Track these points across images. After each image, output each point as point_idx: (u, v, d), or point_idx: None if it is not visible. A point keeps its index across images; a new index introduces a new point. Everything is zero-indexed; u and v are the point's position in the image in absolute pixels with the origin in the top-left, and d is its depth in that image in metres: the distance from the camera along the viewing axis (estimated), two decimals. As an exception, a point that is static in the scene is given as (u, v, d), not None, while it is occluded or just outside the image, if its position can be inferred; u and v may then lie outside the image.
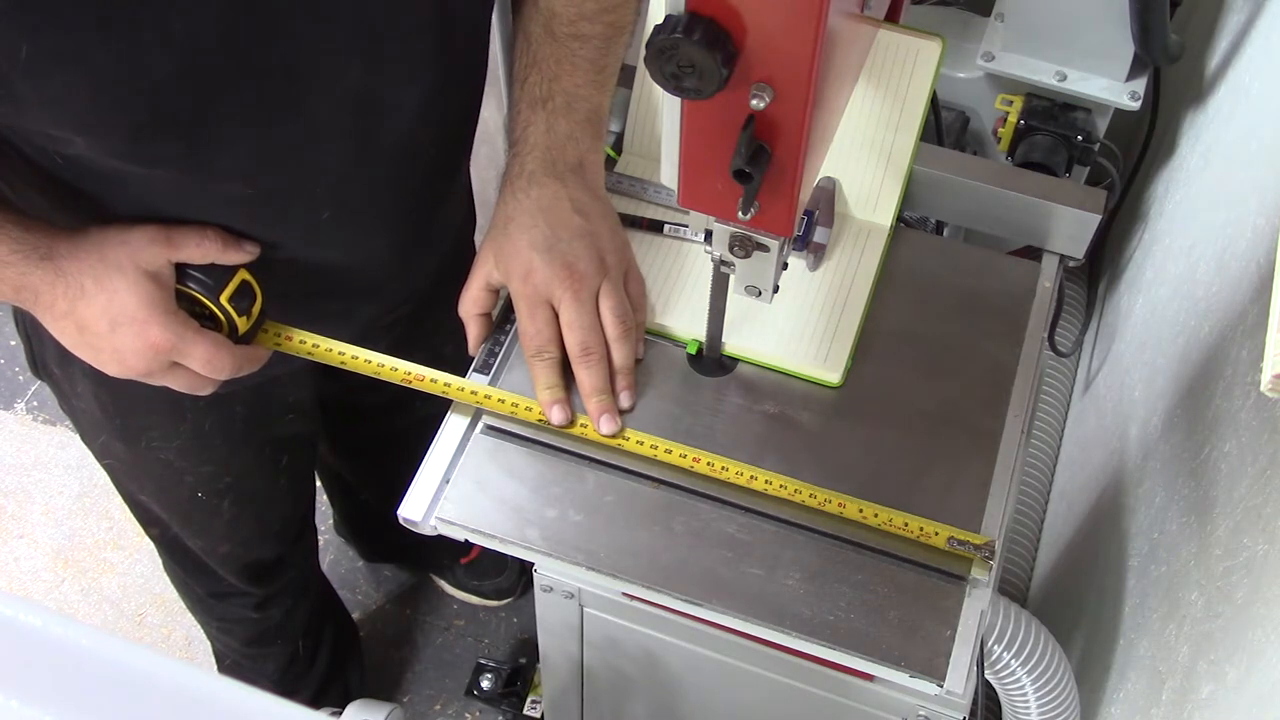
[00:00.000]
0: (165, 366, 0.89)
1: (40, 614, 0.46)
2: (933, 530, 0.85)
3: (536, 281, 0.90)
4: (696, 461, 0.88)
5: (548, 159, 0.93)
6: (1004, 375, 0.96)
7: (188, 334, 0.87)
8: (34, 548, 1.91)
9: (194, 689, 0.46)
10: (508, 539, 0.88)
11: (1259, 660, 0.76)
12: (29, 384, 2.08)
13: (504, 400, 0.92)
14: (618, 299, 0.92)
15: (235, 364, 0.90)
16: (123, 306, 0.85)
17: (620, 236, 0.95)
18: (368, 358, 0.93)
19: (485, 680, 1.66)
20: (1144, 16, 1.23)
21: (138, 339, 0.86)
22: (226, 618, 1.51)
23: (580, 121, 0.94)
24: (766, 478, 0.87)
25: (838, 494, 0.87)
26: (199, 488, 1.21)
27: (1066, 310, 1.65)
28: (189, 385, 0.91)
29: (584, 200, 0.93)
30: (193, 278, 0.88)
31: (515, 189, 0.93)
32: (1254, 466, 0.86)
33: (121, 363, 0.88)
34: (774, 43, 0.64)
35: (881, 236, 1.03)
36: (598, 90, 0.95)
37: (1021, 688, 1.05)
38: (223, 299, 0.89)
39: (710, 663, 1.04)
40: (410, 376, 0.93)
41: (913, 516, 0.86)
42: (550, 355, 0.91)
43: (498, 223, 0.94)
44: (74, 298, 0.85)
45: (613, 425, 0.90)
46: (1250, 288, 0.98)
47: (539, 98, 0.94)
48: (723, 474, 0.88)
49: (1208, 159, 1.28)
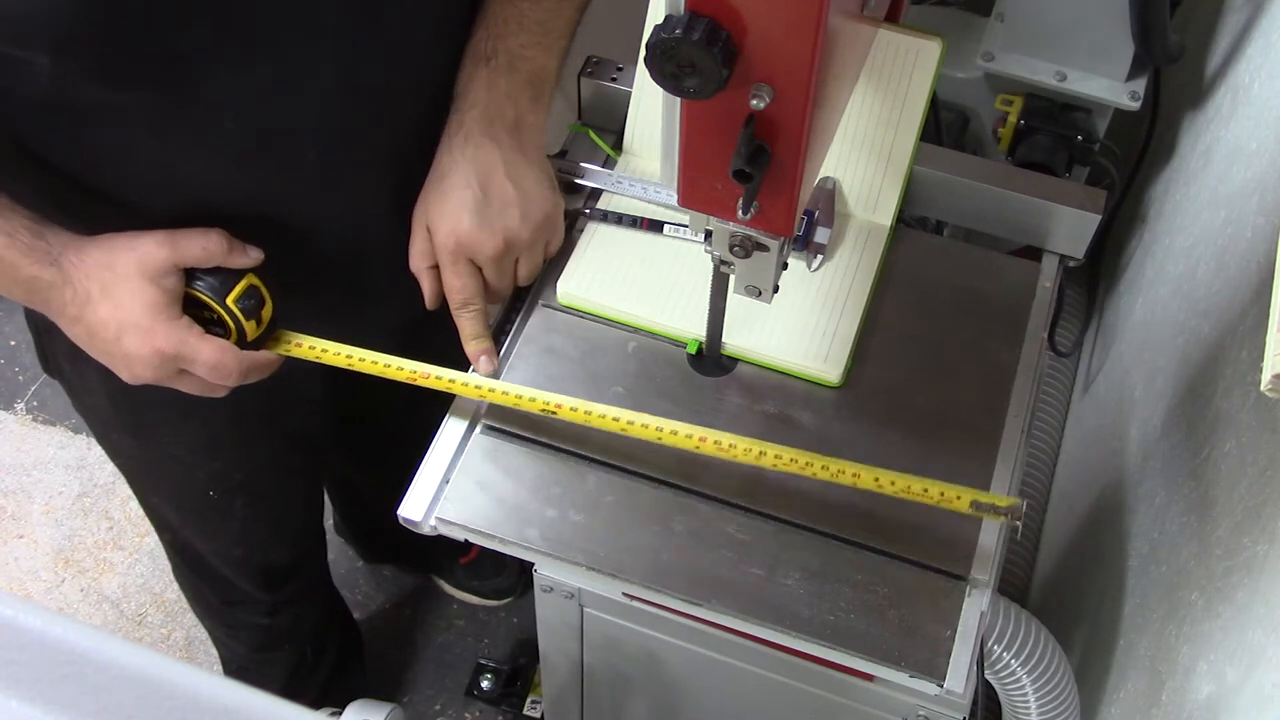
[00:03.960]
0: (173, 373, 0.89)
1: (40, 614, 0.46)
2: (954, 494, 0.84)
3: (463, 241, 0.92)
4: (703, 441, 0.88)
5: (485, 117, 0.93)
6: (1004, 375, 0.96)
7: (191, 340, 0.87)
8: (34, 548, 1.91)
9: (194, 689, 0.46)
10: (508, 539, 0.88)
11: (1259, 660, 0.76)
12: (29, 384, 2.08)
13: (508, 393, 0.92)
14: (535, 265, 0.97)
15: (242, 370, 0.90)
16: (128, 313, 0.86)
17: (549, 201, 0.96)
18: (374, 359, 0.93)
19: (485, 680, 1.66)
20: (1144, 16, 1.22)
21: (144, 346, 0.86)
22: (236, 624, 1.51)
23: (521, 82, 0.95)
24: (776, 452, 0.87)
25: (850, 464, 0.86)
26: (210, 485, 1.21)
27: (1066, 310, 1.65)
28: (199, 390, 0.92)
29: (518, 164, 0.94)
30: (200, 280, 0.89)
31: (452, 145, 0.93)
32: (1254, 466, 0.86)
33: (130, 369, 0.89)
34: (774, 43, 0.64)
35: (881, 236, 1.03)
36: (543, 52, 0.96)
37: (1021, 688, 1.05)
38: (229, 301, 0.89)
39: (710, 663, 1.04)
40: (415, 375, 0.93)
41: (932, 482, 0.85)
42: (476, 307, 0.95)
43: (433, 177, 0.94)
44: (82, 304, 0.86)
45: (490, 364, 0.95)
46: (1250, 288, 0.98)
47: (483, 55, 0.94)
48: (730, 451, 0.87)
49: (1208, 159, 1.27)
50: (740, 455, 0.87)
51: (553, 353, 0.97)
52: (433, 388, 0.93)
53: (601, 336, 0.99)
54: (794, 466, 0.86)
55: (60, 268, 0.86)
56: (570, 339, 0.98)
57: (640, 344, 0.98)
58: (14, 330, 2.13)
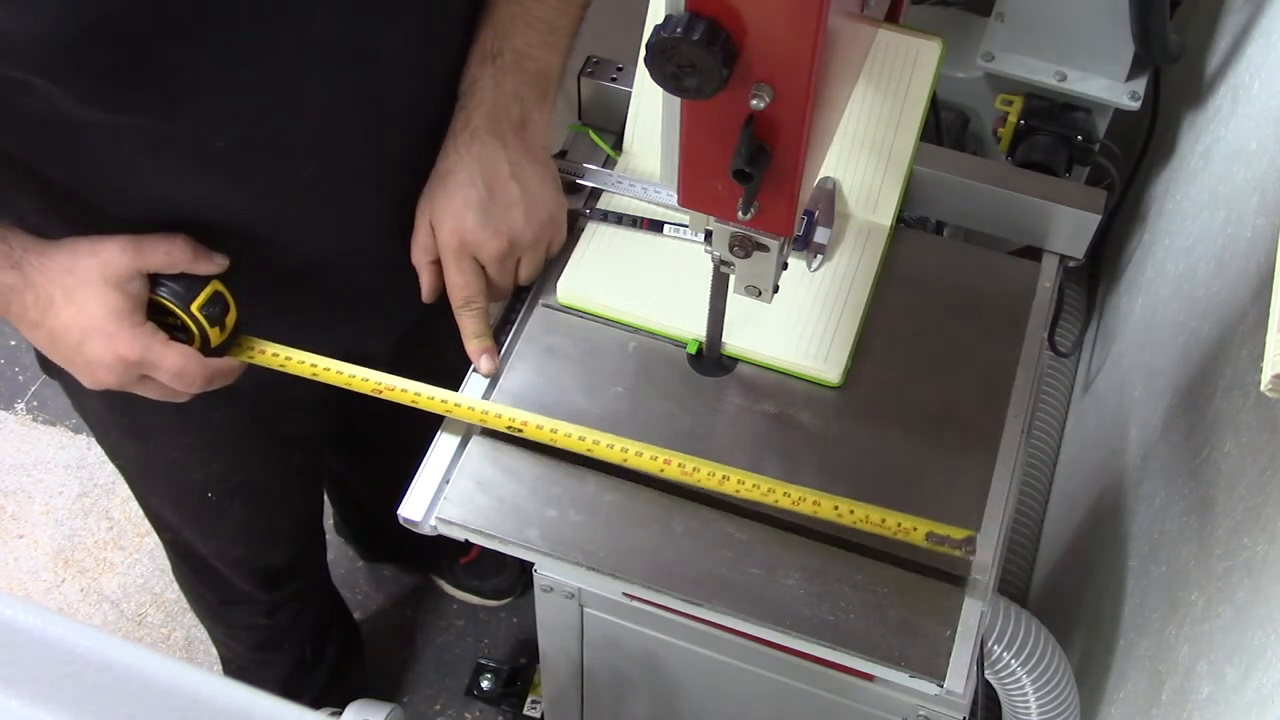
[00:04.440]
0: (135, 379, 0.89)
1: (40, 614, 0.47)
2: (910, 526, 0.84)
3: (467, 239, 0.92)
4: (668, 464, 0.87)
5: (492, 115, 0.93)
6: (1004, 375, 0.96)
7: (155, 346, 0.87)
8: (34, 548, 1.91)
9: (193, 689, 0.46)
10: (508, 539, 0.88)
11: (1259, 660, 0.76)
12: (29, 384, 2.08)
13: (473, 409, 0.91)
14: (536, 265, 0.97)
15: (206, 376, 0.90)
16: (91, 319, 0.85)
17: (554, 202, 0.96)
18: (339, 369, 0.93)
19: (485, 680, 1.66)
20: (1144, 16, 1.22)
21: (106, 352, 0.86)
22: (235, 624, 1.51)
23: (528, 81, 0.94)
24: (739, 478, 0.86)
25: (812, 492, 0.86)
26: (209, 487, 1.21)
27: (1066, 310, 1.65)
28: (161, 396, 0.91)
29: (522, 164, 0.94)
30: (164, 286, 0.88)
31: (458, 143, 0.93)
32: (1254, 466, 0.86)
33: (93, 375, 0.88)
34: (774, 43, 0.64)
35: (881, 236, 1.03)
36: (548, 51, 0.95)
37: (1021, 688, 1.05)
38: (193, 308, 0.88)
39: (710, 663, 1.04)
40: (380, 387, 0.92)
41: (890, 512, 0.85)
42: (478, 306, 0.94)
43: (438, 174, 0.94)
44: (44, 309, 0.86)
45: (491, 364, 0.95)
46: (1250, 288, 0.98)
47: (489, 53, 0.94)
48: (694, 476, 0.87)
49: (1208, 159, 1.28)
50: (704, 480, 0.87)
51: (553, 353, 0.97)
52: (397, 401, 0.92)
53: (601, 336, 0.99)
54: (756, 493, 0.86)
55: (22, 271, 0.85)
56: (570, 339, 0.98)
57: (640, 344, 0.98)
58: (14, 331, 2.12)
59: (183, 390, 0.90)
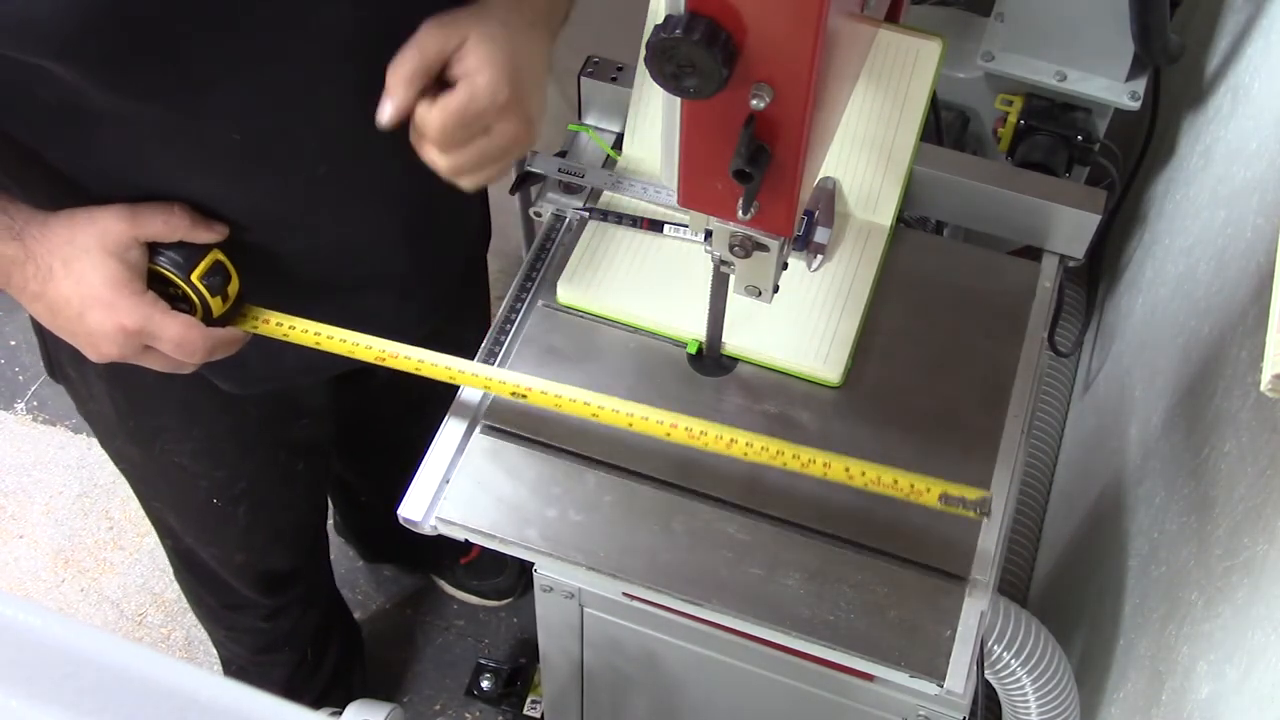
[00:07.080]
0: (139, 349, 0.88)
1: (40, 614, 0.46)
2: (924, 487, 0.84)
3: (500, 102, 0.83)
4: (674, 428, 0.87)
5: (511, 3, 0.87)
6: (1004, 375, 0.96)
7: (156, 315, 0.86)
8: (34, 548, 1.91)
9: (193, 690, 0.46)
10: (508, 539, 0.88)
11: (1259, 660, 0.76)
12: (29, 384, 2.08)
13: (492, 378, 0.90)
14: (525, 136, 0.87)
15: (208, 346, 0.89)
16: (90, 289, 0.84)
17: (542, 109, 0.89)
18: (342, 336, 0.92)
19: (485, 680, 1.66)
20: (1144, 16, 1.22)
21: (107, 321, 0.85)
22: (236, 627, 1.51)
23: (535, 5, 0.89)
24: (747, 440, 0.86)
25: (822, 453, 0.85)
26: (213, 493, 1.21)
27: (1066, 310, 1.65)
28: (165, 367, 0.90)
29: (537, 66, 0.87)
30: (164, 255, 0.88)
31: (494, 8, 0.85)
32: (1254, 466, 0.86)
33: (95, 347, 0.87)
34: (774, 43, 0.64)
35: (881, 236, 1.03)
36: None
37: (1021, 688, 1.05)
38: (193, 277, 0.88)
39: (710, 663, 1.04)
40: (384, 355, 0.91)
41: (902, 473, 0.84)
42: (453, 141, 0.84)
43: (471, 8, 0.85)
44: (44, 280, 0.85)
45: None
46: (1250, 288, 0.98)
47: None
48: (700, 439, 0.86)
49: (1208, 159, 1.27)
50: (710, 443, 0.86)
51: (553, 353, 0.97)
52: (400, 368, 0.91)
53: (601, 336, 0.99)
54: (764, 456, 0.85)
55: (23, 242, 0.84)
56: (570, 339, 0.98)
57: (640, 344, 0.98)
58: (14, 330, 2.13)
59: (185, 360, 0.89)
